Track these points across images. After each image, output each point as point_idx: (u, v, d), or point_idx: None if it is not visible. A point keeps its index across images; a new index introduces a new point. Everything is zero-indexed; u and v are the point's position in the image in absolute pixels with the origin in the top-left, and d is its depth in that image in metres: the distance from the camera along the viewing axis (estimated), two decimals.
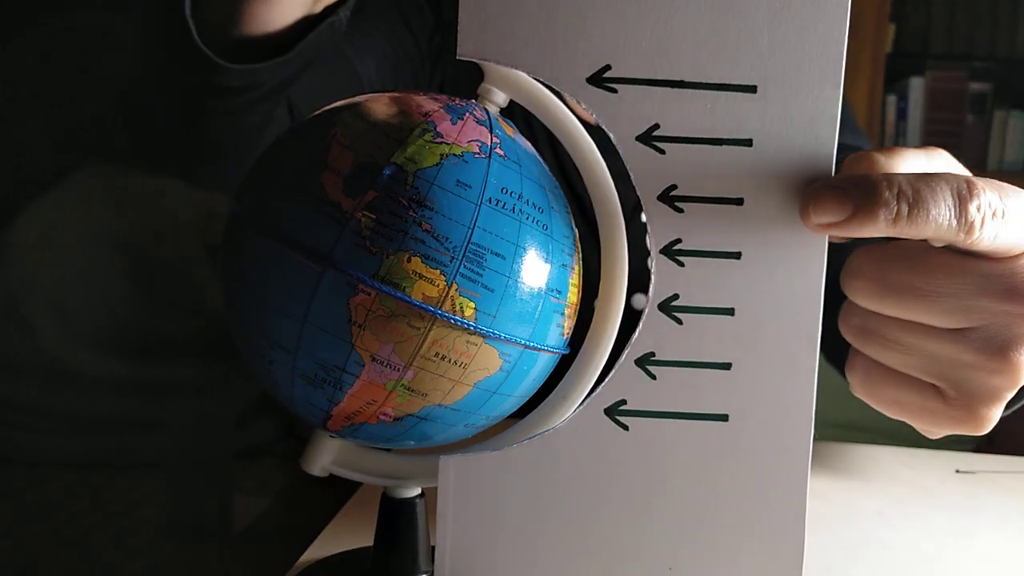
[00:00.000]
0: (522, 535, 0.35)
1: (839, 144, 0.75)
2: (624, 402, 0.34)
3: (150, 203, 0.81)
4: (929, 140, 2.07)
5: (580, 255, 0.34)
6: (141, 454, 0.81)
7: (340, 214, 0.29)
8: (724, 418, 0.34)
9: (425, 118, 0.31)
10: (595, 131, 0.35)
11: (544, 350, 0.33)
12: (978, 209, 0.31)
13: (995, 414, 0.34)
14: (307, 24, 0.51)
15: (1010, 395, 0.34)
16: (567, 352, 0.35)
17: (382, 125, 0.31)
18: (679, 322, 0.34)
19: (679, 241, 0.33)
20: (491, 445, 0.35)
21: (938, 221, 0.31)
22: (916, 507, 0.56)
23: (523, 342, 0.31)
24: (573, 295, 0.34)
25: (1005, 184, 0.32)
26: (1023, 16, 2.04)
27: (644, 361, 0.34)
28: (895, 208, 0.31)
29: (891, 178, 0.31)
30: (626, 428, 0.34)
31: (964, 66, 2.07)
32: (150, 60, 0.56)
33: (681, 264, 0.33)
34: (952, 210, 0.31)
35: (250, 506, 0.84)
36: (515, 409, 0.35)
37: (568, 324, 0.34)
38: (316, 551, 0.45)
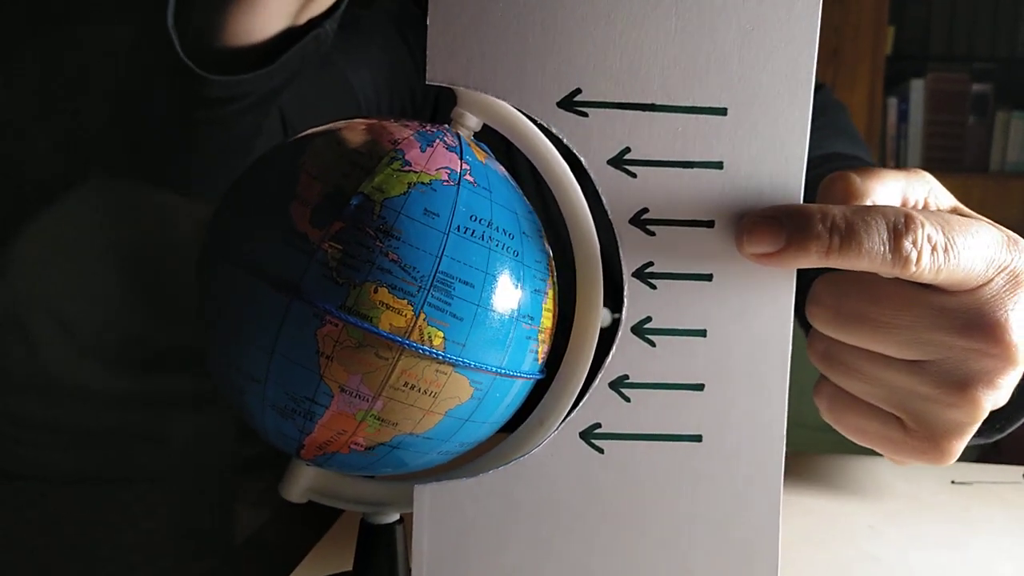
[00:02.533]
0: (499, 561, 0.35)
1: (837, 153, 0.74)
2: (599, 425, 0.34)
3: (149, 216, 0.81)
4: (931, 142, 2.06)
5: (554, 279, 0.34)
6: (143, 467, 0.81)
7: (307, 245, 0.29)
8: (698, 439, 0.34)
9: (394, 146, 0.31)
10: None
11: (517, 376, 0.32)
12: (914, 244, 0.30)
13: (957, 447, 0.34)
14: (291, 36, 0.51)
15: (973, 429, 0.33)
16: (542, 377, 0.35)
17: (351, 154, 0.31)
18: (652, 344, 0.34)
19: (651, 264, 0.33)
20: (466, 472, 0.35)
21: (871, 254, 0.30)
22: (909, 520, 0.55)
23: (494, 370, 0.31)
24: (547, 320, 0.34)
25: (956, 217, 0.32)
26: None
27: (618, 384, 0.34)
28: (827, 241, 0.30)
29: (826, 210, 0.31)
30: (601, 451, 0.34)
31: (965, 67, 2.06)
32: (137, 72, 0.57)
33: (653, 287, 0.33)
34: (886, 244, 0.30)
35: (249, 521, 0.84)
36: (490, 435, 0.34)
37: (542, 349, 0.34)
38: (300, 574, 0.45)
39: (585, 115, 0.32)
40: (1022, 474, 0.65)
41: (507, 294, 0.31)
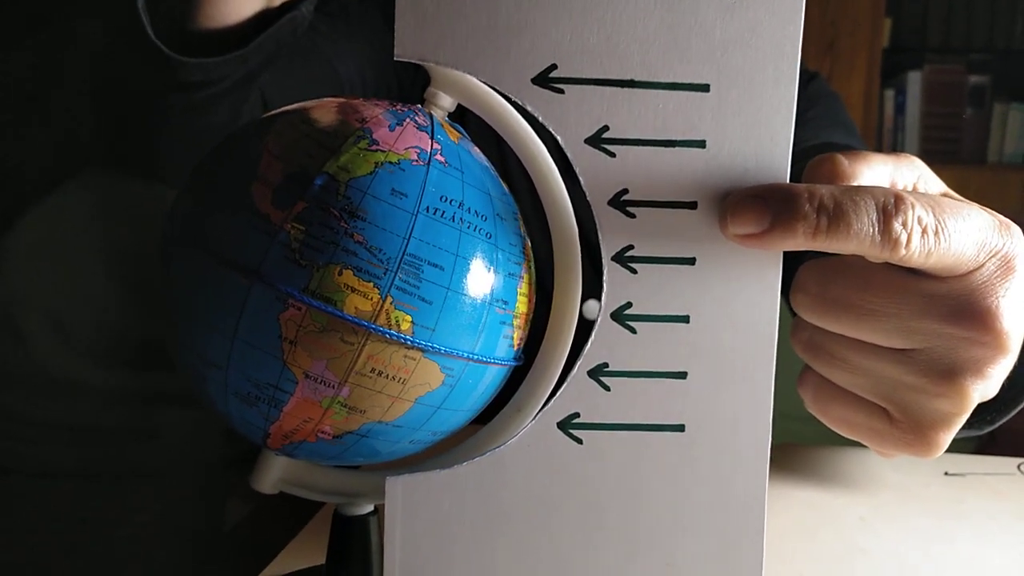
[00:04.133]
0: (474, 554, 0.34)
1: (831, 143, 0.73)
2: (577, 415, 0.33)
3: (141, 211, 0.80)
4: (928, 134, 2.05)
5: (531, 263, 0.33)
6: (136, 463, 0.80)
7: (269, 226, 0.28)
8: (680, 428, 0.33)
9: (362, 125, 0.30)
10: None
11: (490, 363, 0.31)
12: (904, 225, 0.29)
13: (945, 438, 0.33)
14: (266, 19, 0.50)
15: (961, 420, 0.32)
16: (518, 364, 0.34)
17: (316, 133, 0.30)
18: (633, 331, 0.32)
19: (631, 247, 0.32)
20: (440, 463, 0.34)
21: (860, 236, 0.29)
22: (901, 512, 0.54)
23: (466, 355, 0.30)
24: (522, 305, 0.33)
25: (947, 200, 0.31)
26: (1021, 7, 2.02)
27: (597, 372, 0.33)
28: (814, 221, 0.29)
29: (813, 190, 0.30)
30: (580, 442, 0.33)
31: (962, 59, 2.05)
32: (114, 61, 0.56)
33: (634, 271, 0.32)
34: (875, 225, 0.29)
35: (242, 515, 0.83)
36: (465, 423, 0.34)
37: (518, 335, 0.33)
38: (277, 567, 0.44)
39: (561, 92, 0.31)
40: (1017, 466, 0.64)
41: (479, 277, 0.30)
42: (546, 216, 0.35)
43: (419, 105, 0.33)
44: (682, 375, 0.33)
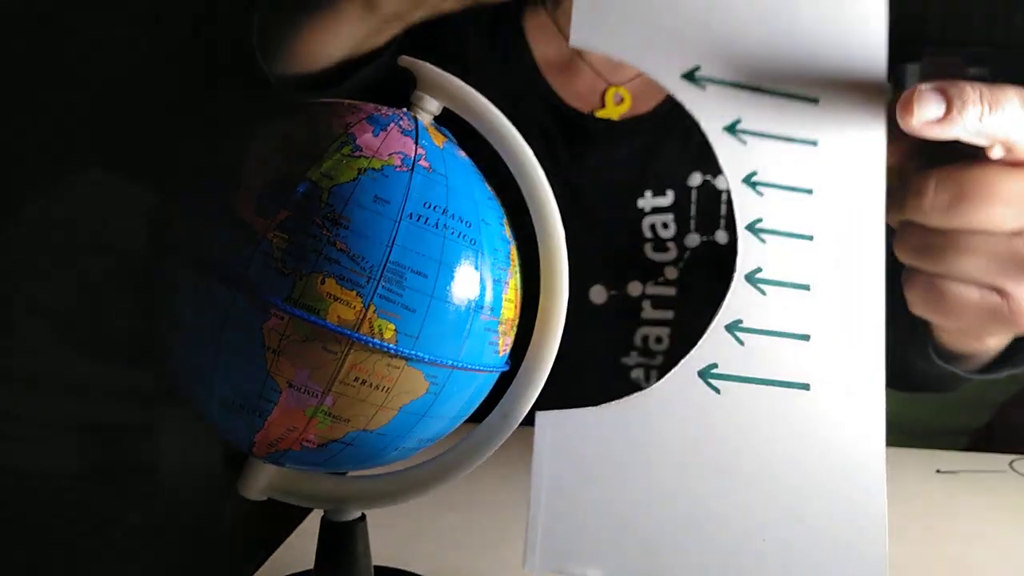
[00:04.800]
0: (617, 491, 0.35)
1: None
2: (715, 365, 0.36)
3: (143, 209, 0.80)
4: None
5: (516, 268, 0.33)
6: (135, 462, 0.81)
7: (252, 235, 0.28)
8: (806, 387, 0.36)
9: (345, 130, 0.30)
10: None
11: (475, 370, 0.31)
12: None
13: None
14: (356, 61, 0.54)
15: None
16: (505, 370, 0.34)
17: (299, 139, 0.30)
18: (763, 293, 0.36)
19: (760, 220, 0.36)
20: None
21: (1010, 122, 0.34)
22: (892, 510, 0.54)
23: (451, 363, 0.30)
24: (508, 311, 0.32)
25: None
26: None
27: (733, 327, 0.36)
28: (980, 108, 0.34)
29: (972, 85, 0.35)
30: (717, 391, 0.35)
31: (960, 51, 2.04)
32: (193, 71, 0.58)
33: (763, 240, 0.36)
34: (1019, 111, 0.35)
35: (239, 514, 0.83)
36: (452, 430, 0.33)
37: (504, 341, 0.33)
38: (265, 573, 0.44)
39: (703, 88, 0.36)
40: (1009, 463, 0.64)
41: (463, 284, 0.30)
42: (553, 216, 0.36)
43: (404, 109, 0.33)
44: (806, 337, 0.36)
